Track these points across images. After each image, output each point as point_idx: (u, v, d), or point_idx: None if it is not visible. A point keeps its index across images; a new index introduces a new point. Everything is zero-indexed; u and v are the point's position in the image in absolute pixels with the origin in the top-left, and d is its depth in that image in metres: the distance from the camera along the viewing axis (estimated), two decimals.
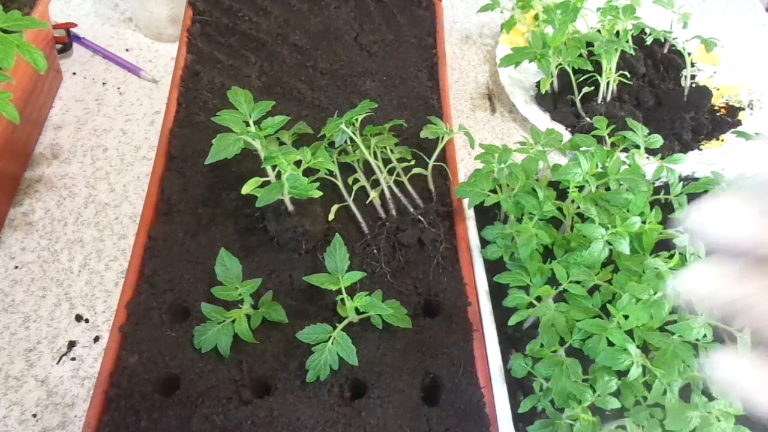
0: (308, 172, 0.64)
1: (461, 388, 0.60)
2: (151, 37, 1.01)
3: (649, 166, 0.72)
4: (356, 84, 0.86)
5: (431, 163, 0.74)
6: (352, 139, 0.72)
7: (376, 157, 0.73)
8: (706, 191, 0.73)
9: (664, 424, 0.55)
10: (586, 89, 0.92)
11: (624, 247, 0.61)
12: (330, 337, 0.58)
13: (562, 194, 0.69)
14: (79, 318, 0.71)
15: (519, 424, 0.59)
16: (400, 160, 0.75)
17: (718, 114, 0.99)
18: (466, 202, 0.70)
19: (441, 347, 0.62)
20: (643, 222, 0.64)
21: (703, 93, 0.97)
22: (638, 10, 0.96)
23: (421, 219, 0.70)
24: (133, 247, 0.66)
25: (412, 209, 0.71)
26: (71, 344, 0.69)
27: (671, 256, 0.62)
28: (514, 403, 0.60)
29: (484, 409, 0.59)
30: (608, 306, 0.60)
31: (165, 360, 0.59)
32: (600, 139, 0.73)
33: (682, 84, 0.98)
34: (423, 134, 0.74)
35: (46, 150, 0.85)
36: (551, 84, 0.94)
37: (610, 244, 0.61)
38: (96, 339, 0.69)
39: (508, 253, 0.67)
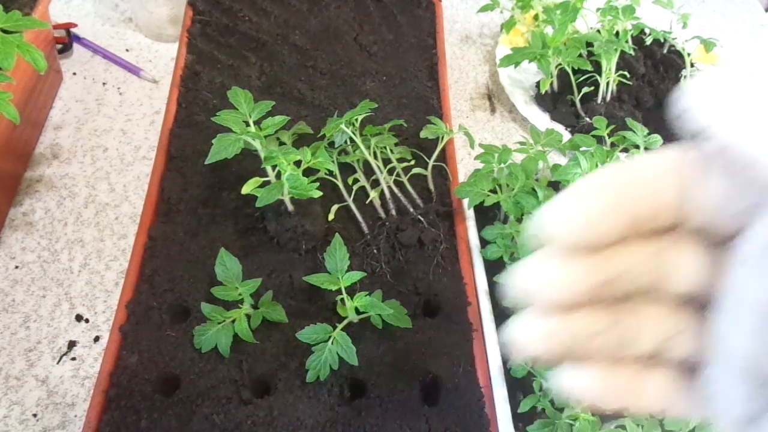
0: (308, 172, 0.64)
1: (461, 388, 0.60)
2: (151, 37, 1.01)
3: None
4: (356, 84, 0.86)
5: (431, 163, 0.74)
6: (352, 139, 0.72)
7: (376, 157, 0.73)
8: None
9: (663, 423, 0.55)
10: (585, 89, 0.92)
11: None
12: (330, 337, 0.58)
13: None
14: (79, 318, 0.71)
15: (519, 424, 0.59)
16: (400, 160, 0.75)
17: None
18: (466, 202, 0.70)
19: (441, 347, 0.62)
20: None
21: None
22: (638, 10, 0.96)
23: (421, 219, 0.70)
24: (133, 247, 0.66)
25: (412, 209, 0.71)
26: (71, 344, 0.69)
27: None
28: (514, 403, 0.60)
29: (484, 409, 0.59)
30: None
31: (165, 360, 0.59)
32: (600, 139, 0.74)
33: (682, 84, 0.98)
34: (423, 134, 0.74)
35: (46, 150, 0.85)
36: (551, 84, 0.94)
37: None
38: (96, 339, 0.69)
39: (508, 253, 0.67)
